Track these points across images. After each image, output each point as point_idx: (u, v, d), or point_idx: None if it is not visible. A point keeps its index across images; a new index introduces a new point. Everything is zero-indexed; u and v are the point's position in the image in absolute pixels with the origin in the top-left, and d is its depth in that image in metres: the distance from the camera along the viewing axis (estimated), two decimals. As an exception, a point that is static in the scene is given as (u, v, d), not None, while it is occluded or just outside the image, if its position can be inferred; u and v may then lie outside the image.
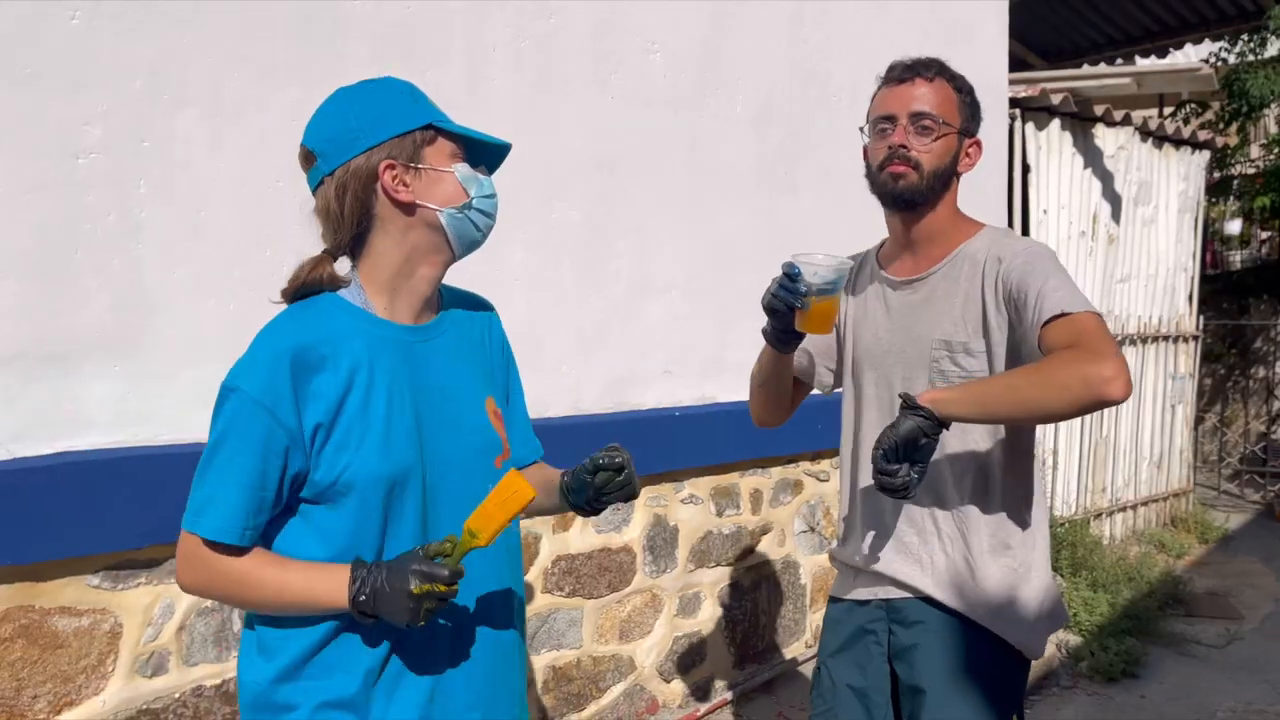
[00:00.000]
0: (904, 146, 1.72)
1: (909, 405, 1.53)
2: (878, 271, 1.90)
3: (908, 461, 1.53)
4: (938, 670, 1.76)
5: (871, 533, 1.86)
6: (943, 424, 1.53)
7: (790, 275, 1.62)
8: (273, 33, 2.43)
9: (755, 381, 1.96)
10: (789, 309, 1.64)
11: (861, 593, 1.88)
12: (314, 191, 1.41)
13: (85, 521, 2.10)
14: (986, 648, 1.77)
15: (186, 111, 2.29)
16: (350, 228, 1.38)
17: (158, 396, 2.25)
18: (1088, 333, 1.52)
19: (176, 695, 2.28)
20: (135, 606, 2.22)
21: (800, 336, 1.75)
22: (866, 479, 1.78)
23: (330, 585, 1.27)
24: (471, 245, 1.43)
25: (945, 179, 1.77)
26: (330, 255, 1.41)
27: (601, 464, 1.45)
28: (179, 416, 2.28)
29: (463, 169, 1.39)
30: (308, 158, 1.41)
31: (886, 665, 1.84)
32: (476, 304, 1.59)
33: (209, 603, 2.33)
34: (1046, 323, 1.56)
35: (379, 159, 1.35)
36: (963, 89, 1.79)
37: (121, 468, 2.15)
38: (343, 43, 2.56)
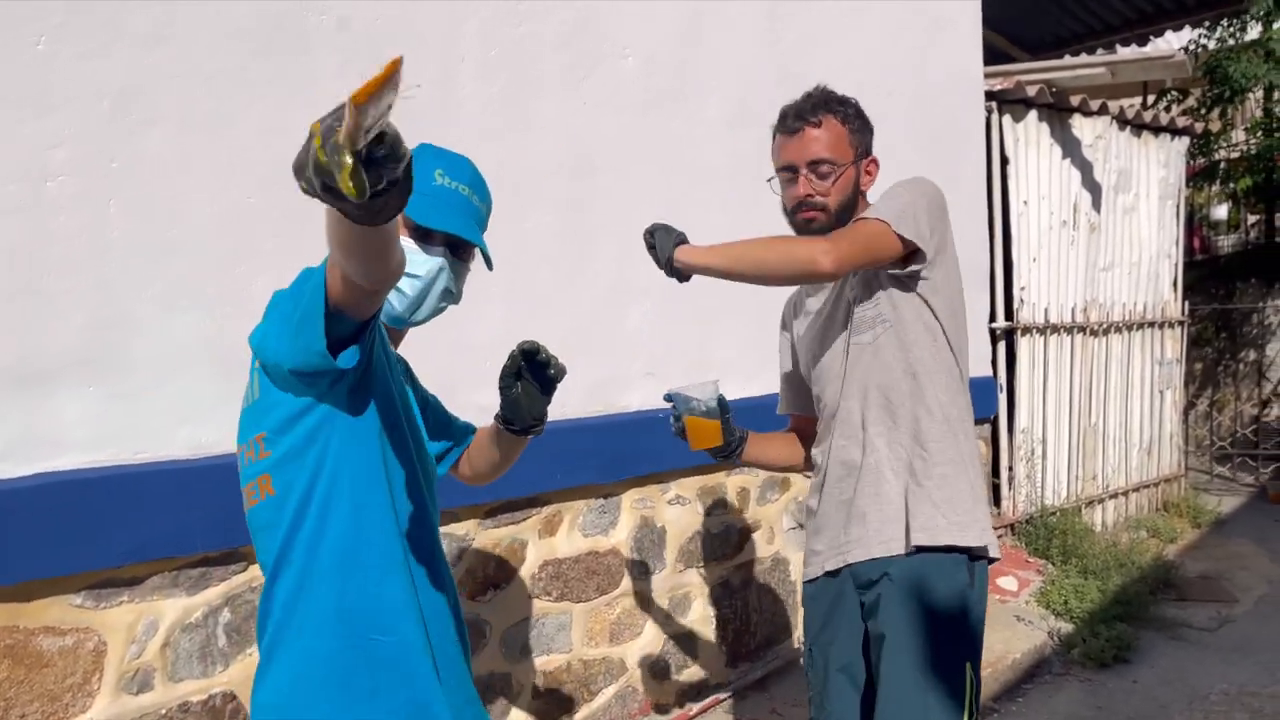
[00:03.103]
0: (810, 195, 1.96)
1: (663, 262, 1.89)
2: (804, 292, 2.20)
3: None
4: (897, 613, 1.89)
5: (828, 506, 2.06)
6: (680, 275, 1.90)
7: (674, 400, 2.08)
8: (240, 47, 2.44)
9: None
10: (680, 436, 2.10)
11: (831, 563, 2.03)
12: None
13: (66, 541, 2.11)
14: (940, 570, 1.91)
15: (155, 130, 2.30)
16: None
17: (134, 414, 2.26)
18: (851, 227, 1.86)
19: (163, 712, 2.28)
20: (118, 624, 2.23)
21: (729, 455, 2.18)
22: (817, 454, 2.10)
23: None
24: (388, 315, 1.50)
25: (851, 207, 1.98)
26: None
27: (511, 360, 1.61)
28: (156, 434, 2.29)
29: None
30: None
31: (862, 626, 1.98)
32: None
33: (193, 619, 2.34)
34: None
35: None
36: (849, 118, 1.99)
37: (100, 487, 2.16)
38: (312, 55, 2.57)
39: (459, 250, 1.52)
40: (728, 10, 3.71)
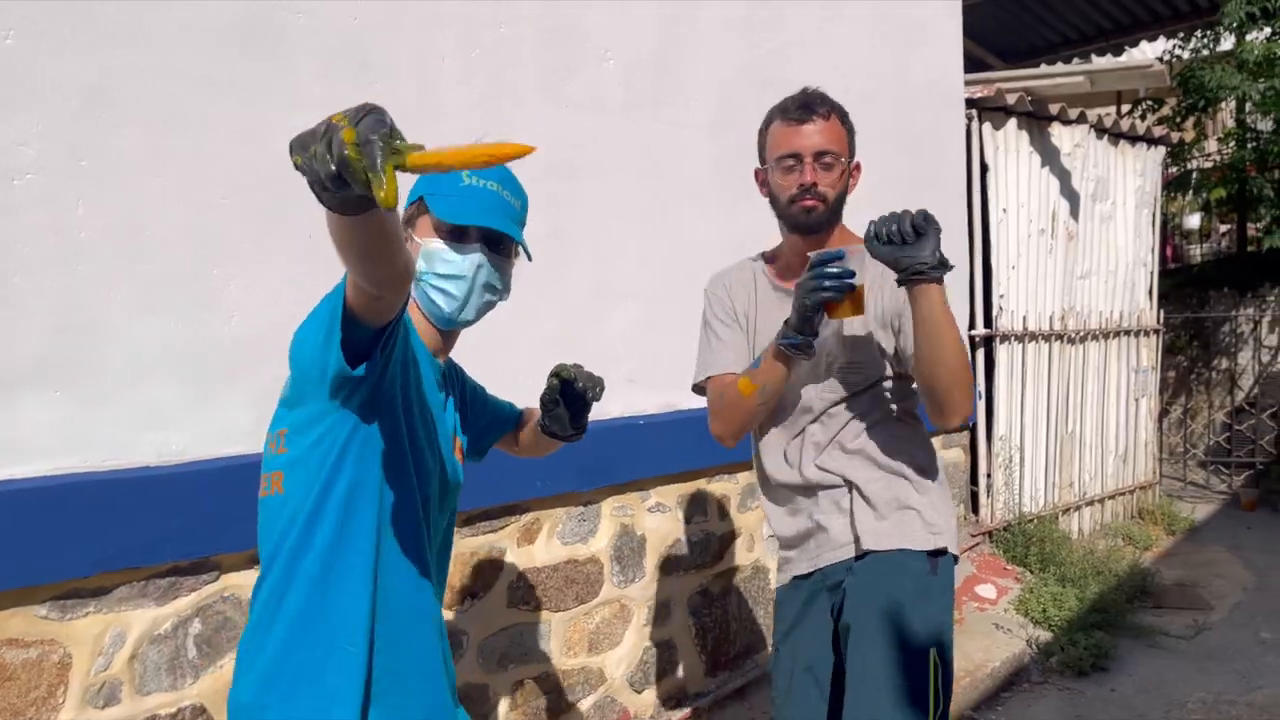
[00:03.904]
0: (814, 183, 1.95)
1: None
2: (777, 285, 2.11)
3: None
4: (862, 604, 1.95)
5: (795, 512, 2.11)
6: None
7: (837, 256, 1.78)
8: (213, 46, 2.39)
9: (756, 400, 1.97)
10: (839, 294, 1.77)
11: (802, 567, 2.09)
12: None
13: (30, 551, 2.05)
14: (901, 560, 1.98)
15: (126, 129, 2.24)
16: None
17: (102, 421, 2.20)
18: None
19: (130, 726, 2.22)
20: (84, 636, 2.17)
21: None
22: (779, 472, 2.10)
23: None
24: (437, 318, 1.54)
25: (842, 204, 2.02)
26: None
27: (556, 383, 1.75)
28: (124, 440, 2.23)
29: (430, 244, 1.49)
30: None
31: (832, 626, 2.04)
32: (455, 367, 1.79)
33: (162, 630, 2.28)
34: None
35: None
36: (846, 120, 2.03)
37: (66, 495, 2.09)
38: (287, 55, 2.52)
39: (497, 246, 1.53)
40: (709, 15, 3.68)
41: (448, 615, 2.84)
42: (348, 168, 0.91)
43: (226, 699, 1.43)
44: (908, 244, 1.75)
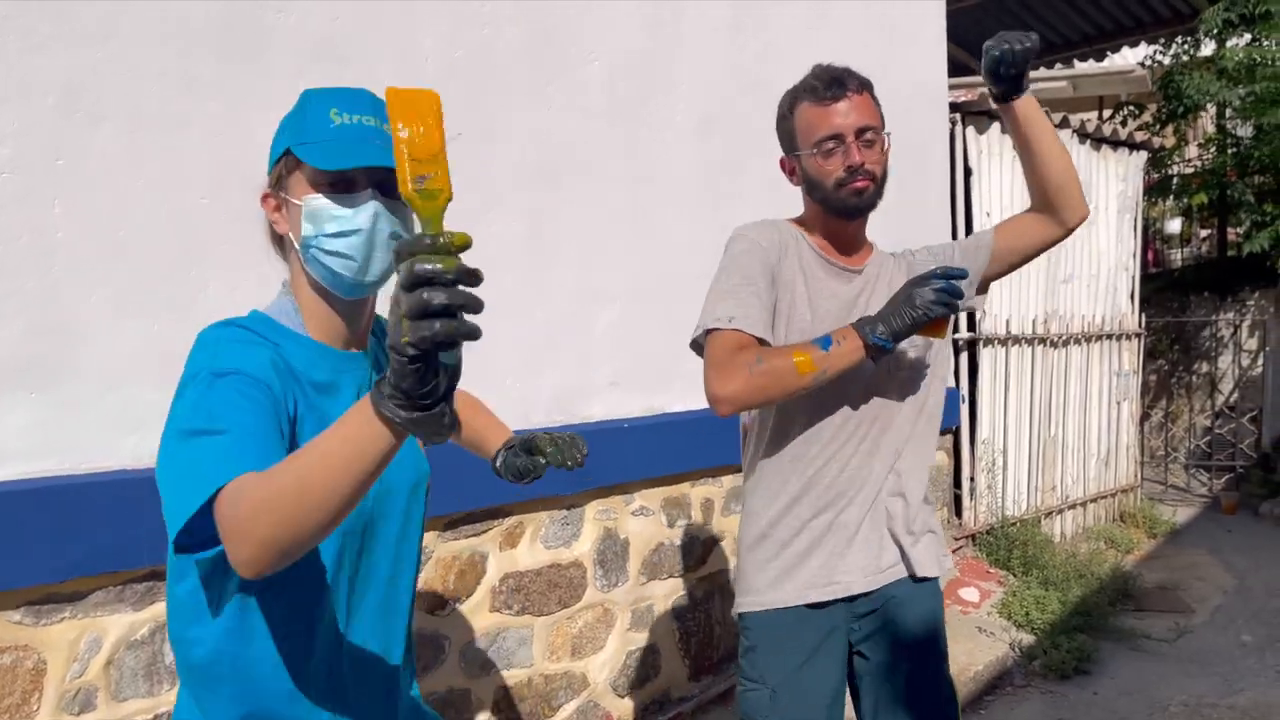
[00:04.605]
0: (863, 162, 1.80)
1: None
2: (830, 260, 1.90)
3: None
4: (908, 638, 1.88)
5: (831, 525, 1.89)
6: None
7: (961, 275, 1.71)
8: (193, 44, 2.36)
9: (808, 382, 1.71)
10: (950, 310, 1.72)
11: (819, 593, 1.89)
12: None
13: (4, 556, 2.01)
14: (934, 593, 1.96)
15: (103, 127, 2.21)
16: (277, 249, 1.38)
17: (77, 423, 2.17)
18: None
19: (106, 733, 2.19)
20: (59, 642, 2.14)
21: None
22: (828, 471, 1.87)
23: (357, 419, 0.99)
24: (337, 286, 1.28)
25: (886, 182, 1.88)
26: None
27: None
28: (100, 443, 2.20)
29: (312, 201, 1.24)
30: None
31: (846, 656, 1.94)
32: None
33: (138, 636, 2.25)
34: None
35: (265, 189, 1.33)
36: (874, 90, 1.88)
37: (41, 499, 2.06)
38: (267, 54, 2.50)
39: (390, 190, 1.25)
40: (694, 18, 3.68)
41: (430, 620, 2.82)
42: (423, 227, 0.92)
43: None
44: (1017, 64, 1.78)
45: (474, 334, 0.89)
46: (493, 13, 3.03)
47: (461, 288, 0.88)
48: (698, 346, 1.84)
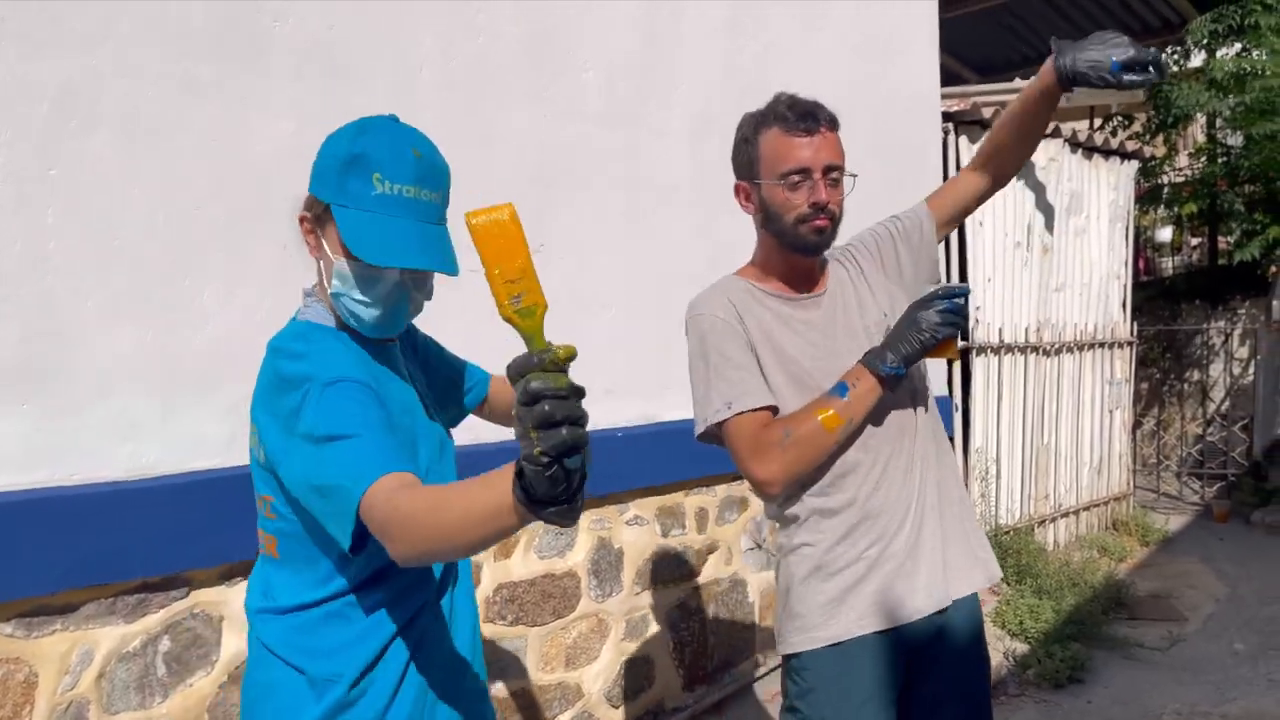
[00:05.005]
0: (828, 201, 1.77)
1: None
2: (791, 298, 1.88)
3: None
4: (956, 664, 1.86)
5: (880, 559, 1.80)
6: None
7: (963, 293, 1.71)
8: (188, 51, 2.35)
9: (839, 436, 1.73)
10: (957, 330, 1.72)
11: (877, 622, 1.79)
12: None
13: (-6, 566, 2.00)
14: (974, 610, 1.92)
15: (98, 134, 2.20)
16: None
17: (71, 432, 2.15)
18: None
19: (97, 746, 2.17)
20: (51, 654, 2.11)
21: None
22: (874, 495, 1.80)
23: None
24: (362, 329, 1.39)
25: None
26: None
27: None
28: (94, 452, 2.18)
29: (342, 266, 1.33)
30: None
31: (900, 691, 1.84)
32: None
33: (130, 648, 2.23)
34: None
35: (303, 207, 1.39)
36: (839, 127, 1.86)
37: (33, 509, 2.04)
38: (263, 60, 2.49)
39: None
40: (691, 23, 3.68)
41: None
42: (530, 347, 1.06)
43: (201, 714, 1.40)
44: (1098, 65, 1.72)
45: (587, 441, 0.99)
46: (489, 20, 3.02)
47: (573, 400, 0.98)
48: (708, 438, 1.85)
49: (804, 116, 1.78)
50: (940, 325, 1.69)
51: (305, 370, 1.29)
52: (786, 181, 1.77)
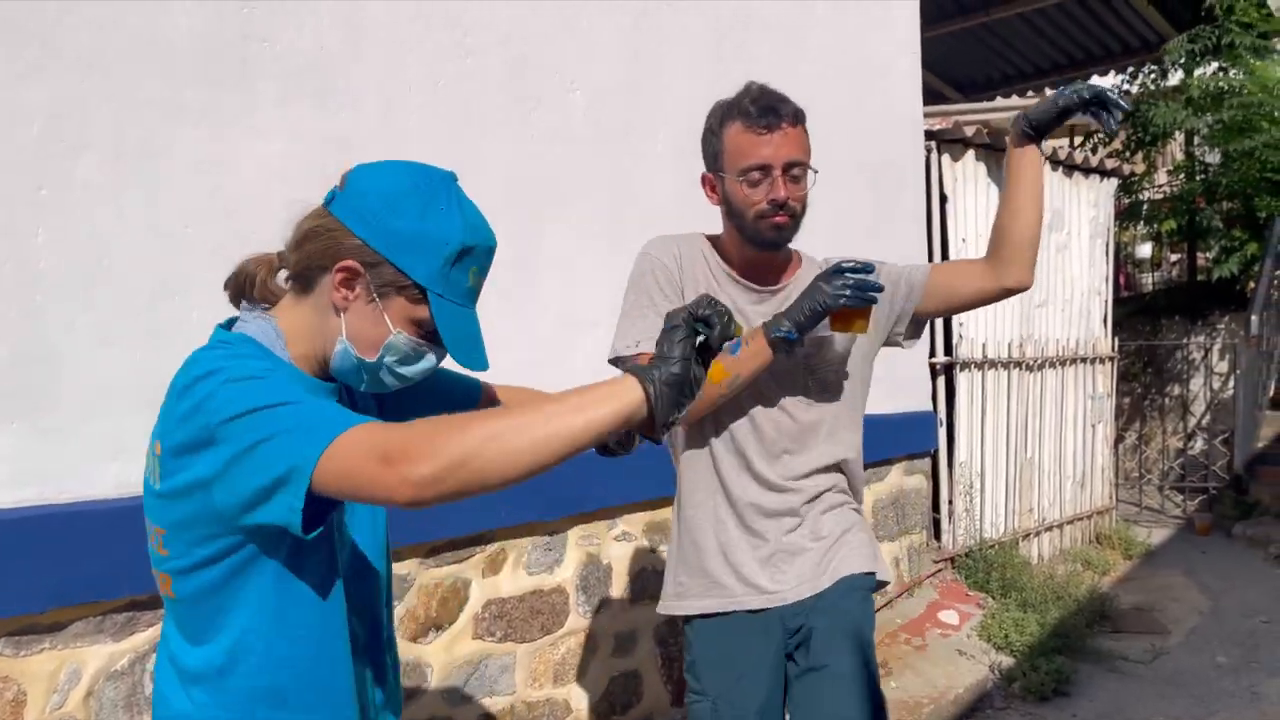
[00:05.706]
0: (788, 199, 1.80)
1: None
2: (736, 278, 1.94)
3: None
4: (837, 643, 1.90)
5: (756, 535, 1.95)
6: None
7: (868, 270, 1.73)
8: (178, 73, 2.37)
9: (724, 389, 1.81)
10: (857, 305, 1.74)
11: (755, 600, 1.93)
12: (324, 204, 1.28)
13: (-17, 586, 2.00)
14: (865, 589, 1.98)
15: (87, 156, 2.22)
16: (300, 266, 1.28)
17: (60, 451, 2.16)
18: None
19: (84, 765, 2.17)
20: (39, 673, 2.11)
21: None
22: (743, 488, 1.93)
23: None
24: (358, 385, 1.32)
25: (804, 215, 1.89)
26: (282, 263, 1.32)
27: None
28: (83, 472, 2.18)
29: (402, 340, 1.26)
30: (343, 182, 1.28)
31: (783, 669, 1.95)
32: None
33: (118, 666, 2.23)
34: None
35: (352, 256, 1.22)
36: (805, 121, 1.87)
37: (21, 528, 2.05)
38: (252, 83, 2.51)
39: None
40: (675, 45, 3.72)
41: (412, 648, 2.81)
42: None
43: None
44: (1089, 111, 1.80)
45: None
46: (475, 43, 3.06)
47: None
48: (618, 363, 1.91)
49: (766, 112, 1.79)
50: (835, 294, 1.72)
51: (228, 373, 1.18)
52: (747, 178, 1.81)
